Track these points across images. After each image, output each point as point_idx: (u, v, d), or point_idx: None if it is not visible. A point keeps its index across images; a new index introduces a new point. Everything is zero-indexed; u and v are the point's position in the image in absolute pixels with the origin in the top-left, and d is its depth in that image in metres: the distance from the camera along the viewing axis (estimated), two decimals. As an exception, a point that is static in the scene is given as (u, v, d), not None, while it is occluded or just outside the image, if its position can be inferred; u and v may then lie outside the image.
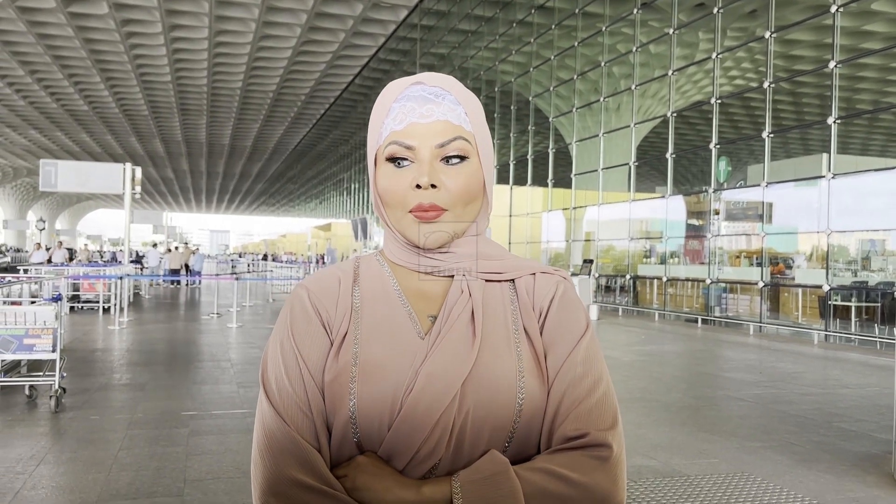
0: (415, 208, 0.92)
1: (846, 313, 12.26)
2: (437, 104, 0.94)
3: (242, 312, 14.51)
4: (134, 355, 8.54)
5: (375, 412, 0.87)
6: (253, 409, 5.64)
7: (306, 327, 0.93)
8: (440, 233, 0.93)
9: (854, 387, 7.42)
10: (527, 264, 1.00)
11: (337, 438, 0.89)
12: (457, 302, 0.94)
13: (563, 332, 0.94)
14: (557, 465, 0.85)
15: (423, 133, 0.92)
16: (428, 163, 0.92)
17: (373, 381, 0.88)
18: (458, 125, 0.94)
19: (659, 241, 17.26)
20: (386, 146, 0.94)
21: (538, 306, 0.97)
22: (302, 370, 0.90)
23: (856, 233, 12.74)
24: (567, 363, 0.92)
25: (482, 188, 0.96)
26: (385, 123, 0.95)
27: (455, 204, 0.93)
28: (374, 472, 0.85)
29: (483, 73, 25.39)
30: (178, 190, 76.35)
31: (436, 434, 0.85)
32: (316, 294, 0.96)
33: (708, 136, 14.83)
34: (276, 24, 23.83)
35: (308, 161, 55.99)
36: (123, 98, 34.12)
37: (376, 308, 0.96)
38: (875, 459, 4.62)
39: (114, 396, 6.10)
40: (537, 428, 0.90)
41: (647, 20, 17.16)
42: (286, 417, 0.88)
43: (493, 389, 0.88)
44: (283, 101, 35.26)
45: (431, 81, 0.96)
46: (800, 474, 4.25)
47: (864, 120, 14.25)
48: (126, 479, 3.88)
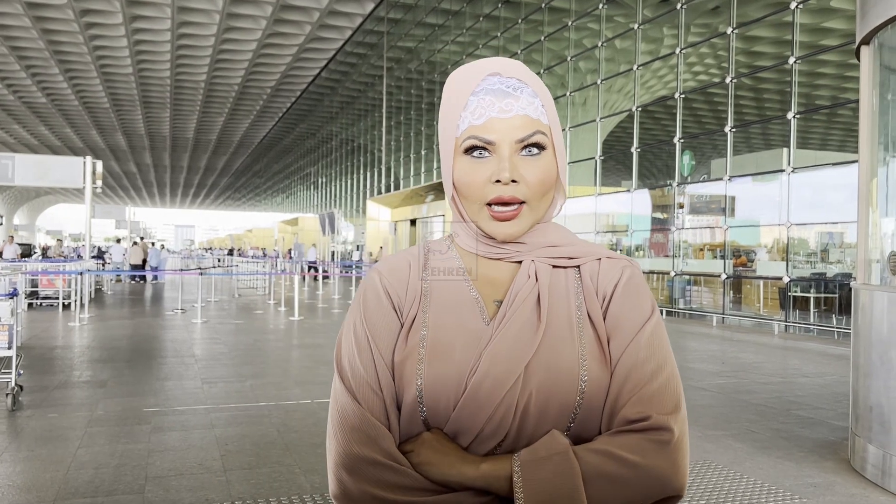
0: (493, 200, 0.94)
1: (805, 304, 12.53)
2: (515, 98, 0.95)
3: (208, 308, 14.32)
4: (95, 352, 8.38)
5: (441, 392, 0.90)
6: (216, 405, 5.59)
7: (378, 310, 0.98)
8: (518, 226, 0.96)
9: (812, 376, 7.59)
10: (593, 250, 1.02)
11: (406, 416, 0.93)
12: (523, 287, 0.96)
13: (627, 317, 0.96)
14: (617, 446, 0.86)
15: (504, 128, 0.94)
16: (508, 158, 0.93)
17: (439, 362, 0.92)
18: (537, 119, 0.95)
19: (625, 235, 17.44)
20: (465, 139, 0.95)
21: (602, 292, 0.98)
22: (373, 351, 0.95)
23: (815, 225, 13.01)
24: (630, 347, 0.93)
25: (557, 178, 0.98)
26: (462, 116, 0.96)
27: (534, 196, 0.95)
28: (438, 448, 0.89)
29: (450, 66, 25.35)
30: (142, 184, 75.08)
31: (499, 414, 0.88)
32: (387, 278, 1.00)
33: (672, 131, 15.02)
34: (241, 16, 23.52)
35: (274, 155, 55.44)
36: (83, 90, 33.40)
37: (444, 292, 0.99)
38: (832, 446, 4.73)
39: (73, 394, 5.98)
40: (599, 410, 0.91)
41: (612, 15, 17.30)
42: (358, 396, 0.92)
43: (556, 372, 0.91)
44: (249, 95, 34.84)
45: (508, 72, 0.97)
46: (759, 461, 4.34)
47: (822, 115, 14.54)
48: (85, 477, 3.81)
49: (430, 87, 27.17)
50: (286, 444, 4.53)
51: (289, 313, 13.36)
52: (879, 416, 3.96)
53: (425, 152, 27.83)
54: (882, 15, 4.21)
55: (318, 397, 5.96)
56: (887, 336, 3.96)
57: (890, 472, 3.85)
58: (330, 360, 8.00)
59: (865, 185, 4.55)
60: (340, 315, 13.84)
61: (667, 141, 15.62)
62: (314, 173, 49.06)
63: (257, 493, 3.61)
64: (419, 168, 28.41)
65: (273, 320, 12.58)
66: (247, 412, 5.41)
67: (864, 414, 4.11)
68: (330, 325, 12.03)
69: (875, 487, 3.89)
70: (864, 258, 4.55)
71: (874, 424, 4.00)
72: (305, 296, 18.90)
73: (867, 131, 4.57)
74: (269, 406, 5.60)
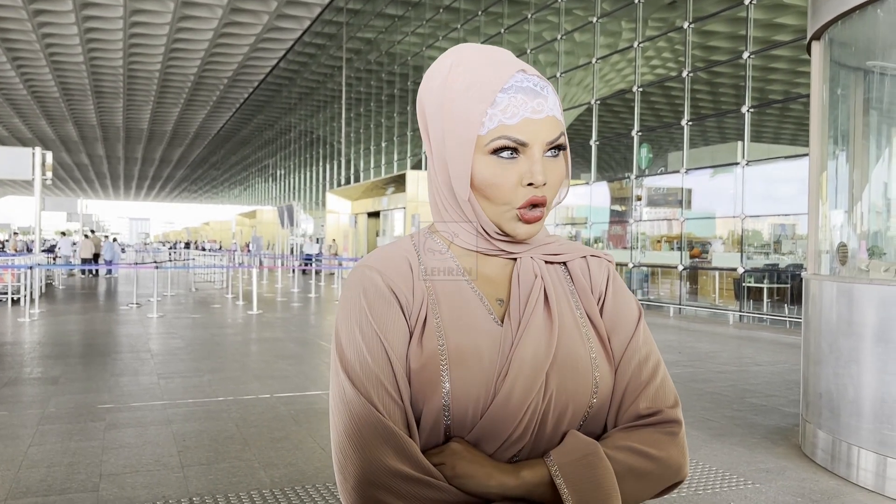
0: (524, 204, 0.90)
1: (759, 294, 12.83)
2: (545, 98, 0.91)
3: (164, 302, 14.07)
4: (46, 348, 8.16)
5: (471, 398, 0.86)
6: (173, 401, 5.49)
7: (387, 312, 0.90)
8: (538, 226, 0.94)
9: (765, 364, 7.78)
10: (575, 247, 1.02)
11: (427, 425, 0.87)
12: (532, 286, 0.95)
13: (623, 315, 0.98)
14: (637, 441, 0.89)
15: (536, 130, 0.89)
16: (540, 161, 0.90)
17: (465, 367, 0.88)
18: (561, 120, 0.93)
19: (584, 227, 17.61)
20: (495, 139, 0.89)
21: (597, 290, 0.99)
22: (390, 356, 0.88)
23: (768, 217, 13.32)
24: (631, 346, 0.96)
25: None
26: (490, 114, 0.89)
27: (553, 196, 0.94)
28: (471, 458, 0.85)
29: (410, 58, 25.26)
30: (94, 176, 73.29)
31: (526, 418, 0.87)
32: (390, 277, 0.93)
33: (630, 124, 15.20)
34: (197, 4, 23.06)
35: (231, 146, 54.62)
36: (31, 79, 32.42)
37: (449, 294, 0.94)
38: (784, 432, 4.85)
39: (23, 391, 5.82)
40: (606, 407, 0.93)
41: (571, 8, 17.41)
42: (378, 405, 0.85)
43: (573, 372, 0.91)
44: (205, 85, 34.23)
45: (528, 69, 0.94)
46: (714, 448, 4.43)
47: (775, 109, 14.85)
48: (37, 475, 3.71)
49: (389, 78, 27.03)
50: (245, 438, 4.47)
51: (247, 307, 13.20)
52: (829, 403, 4.07)
53: (385, 144, 27.70)
54: (832, 11, 4.31)
55: (277, 391, 5.91)
56: (836, 325, 4.07)
57: (839, 456, 3.96)
58: (289, 355, 7.94)
59: (816, 179, 4.66)
60: (300, 308, 13.72)
61: (625, 134, 15.81)
62: (272, 165, 48.48)
63: (216, 489, 3.56)
64: (379, 160, 28.28)
65: (231, 314, 12.41)
66: (205, 407, 5.32)
67: (814, 401, 4.23)
68: (289, 318, 11.92)
69: (825, 472, 4.00)
70: (814, 249, 4.66)
71: (824, 411, 4.12)
72: (264, 289, 18.69)
73: (817, 125, 4.68)
74: (227, 401, 5.53)
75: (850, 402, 3.92)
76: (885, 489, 3.66)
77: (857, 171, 4.60)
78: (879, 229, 4.58)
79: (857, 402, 3.87)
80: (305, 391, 5.98)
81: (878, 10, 4.12)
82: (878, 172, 4.56)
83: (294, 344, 8.83)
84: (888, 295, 3.76)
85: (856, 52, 4.63)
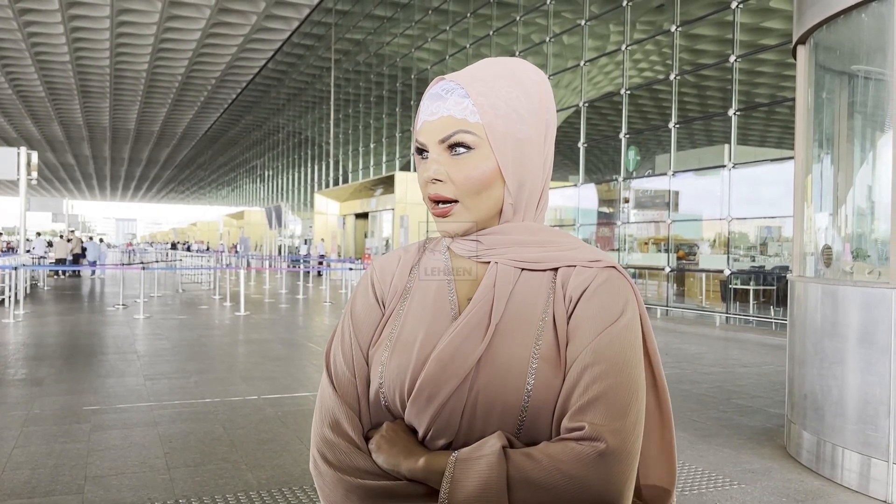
0: (429, 198, 0.99)
1: (745, 296, 12.91)
2: (443, 101, 0.97)
3: (150, 303, 13.99)
4: (31, 349, 8.10)
5: (397, 385, 0.95)
6: (160, 402, 5.47)
7: (364, 303, 1.05)
8: (454, 223, 0.99)
9: (751, 365, 7.83)
10: (570, 255, 0.98)
11: (374, 405, 0.98)
12: (486, 290, 0.98)
13: (588, 322, 0.92)
14: (549, 453, 0.85)
15: (431, 131, 0.97)
16: (435, 159, 0.97)
17: (399, 356, 0.96)
18: (462, 119, 0.95)
19: (572, 229, 17.67)
20: (414, 143, 1.02)
21: (569, 295, 0.96)
22: (352, 341, 1.02)
23: (754, 220, 13.42)
24: (583, 353, 0.90)
25: (498, 175, 0.97)
26: (418, 121, 1.01)
27: (464, 194, 0.96)
28: (390, 437, 0.93)
29: (399, 59, 25.25)
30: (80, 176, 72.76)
31: (445, 412, 0.91)
32: (378, 271, 1.08)
33: (618, 126, 15.26)
34: (185, 4, 22.96)
35: (219, 147, 54.38)
36: (17, 78, 32.15)
37: (427, 290, 1.02)
38: (769, 433, 4.89)
39: (7, 392, 5.77)
40: (549, 414, 0.90)
41: (560, 11, 17.47)
42: (335, 383, 1.00)
43: (503, 372, 0.91)
44: (193, 85, 34.07)
45: (454, 77, 0.99)
46: (701, 449, 4.46)
47: (761, 112, 14.96)
48: (22, 477, 3.68)
49: (378, 79, 27.01)
50: (232, 440, 4.46)
51: (234, 308, 13.14)
52: (813, 404, 4.11)
53: (374, 145, 27.67)
54: (817, 15, 4.35)
55: (265, 393, 5.89)
56: (820, 326, 4.11)
57: (823, 457, 4.00)
58: (276, 357, 7.92)
59: (801, 181, 4.70)
60: (287, 310, 13.68)
61: (613, 136, 15.87)
62: (260, 166, 48.29)
63: (202, 492, 3.55)
64: (368, 161, 28.23)
65: (218, 315, 12.35)
66: (191, 409, 5.30)
67: (799, 402, 4.26)
68: (277, 320, 11.88)
69: (809, 472, 4.04)
70: (799, 251, 4.70)
71: (808, 412, 4.15)
72: (251, 290, 18.62)
73: (803, 129, 4.72)
74: (214, 402, 5.51)
75: (834, 403, 3.95)
76: (868, 489, 3.70)
77: (842, 174, 4.65)
78: (863, 232, 4.62)
79: (842, 403, 3.90)
80: (293, 392, 5.96)
81: (863, 14, 4.16)
82: (862, 175, 4.61)
83: (281, 345, 8.80)
84: (872, 297, 3.80)
85: (840, 57, 4.67)
